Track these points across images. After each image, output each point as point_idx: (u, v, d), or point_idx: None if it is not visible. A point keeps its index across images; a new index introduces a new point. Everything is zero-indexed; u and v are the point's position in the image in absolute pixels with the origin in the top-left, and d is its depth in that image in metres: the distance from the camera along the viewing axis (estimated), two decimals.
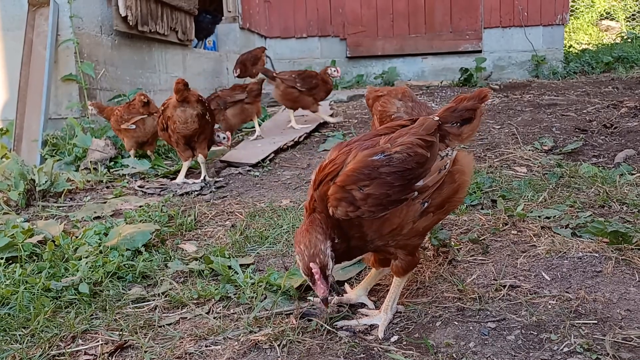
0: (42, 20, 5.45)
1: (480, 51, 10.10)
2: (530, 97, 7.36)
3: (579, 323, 2.06)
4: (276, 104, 8.01)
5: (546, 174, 3.96)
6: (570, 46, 13.13)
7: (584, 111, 6.04)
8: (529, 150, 4.61)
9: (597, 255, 2.59)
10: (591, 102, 6.54)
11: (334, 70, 6.16)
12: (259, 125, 6.01)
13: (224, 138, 4.83)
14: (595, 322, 2.06)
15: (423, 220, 2.10)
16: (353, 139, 2.19)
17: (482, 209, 3.40)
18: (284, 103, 6.30)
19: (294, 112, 6.25)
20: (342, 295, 2.39)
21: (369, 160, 1.99)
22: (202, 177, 4.56)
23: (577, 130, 5.22)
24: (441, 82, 9.13)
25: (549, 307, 2.20)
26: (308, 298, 2.41)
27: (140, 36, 6.57)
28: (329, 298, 1.92)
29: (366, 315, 2.26)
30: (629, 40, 12.82)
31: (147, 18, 6.49)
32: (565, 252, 2.65)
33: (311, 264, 1.93)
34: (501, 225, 3.07)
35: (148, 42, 6.84)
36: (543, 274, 2.48)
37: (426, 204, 2.07)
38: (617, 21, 16.25)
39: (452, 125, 2.20)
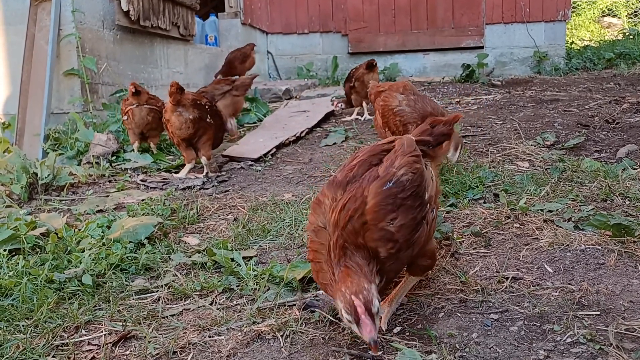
0: (44, 15, 5.45)
1: (482, 47, 10.10)
2: (532, 93, 7.35)
3: (582, 314, 2.06)
4: (278, 100, 8.02)
5: (548, 168, 3.95)
6: (572, 42, 13.11)
7: (586, 107, 6.04)
8: (531, 145, 4.61)
9: (599, 247, 2.59)
10: (593, 98, 6.54)
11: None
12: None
13: (233, 125, 5.02)
14: (598, 313, 2.06)
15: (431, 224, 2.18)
16: (338, 174, 2.12)
17: (484, 202, 3.40)
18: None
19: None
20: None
21: (386, 191, 1.96)
22: (204, 173, 4.56)
23: (579, 125, 5.22)
24: (443, 78, 9.13)
25: (552, 298, 2.20)
26: (310, 290, 2.42)
27: (142, 31, 6.57)
28: (377, 339, 1.74)
29: None
30: (631, 36, 12.80)
31: (149, 13, 6.49)
32: (567, 245, 2.65)
33: (353, 298, 1.76)
34: (504, 218, 3.07)
35: (150, 37, 6.84)
36: (546, 266, 2.48)
37: (434, 211, 2.16)
38: (619, 18, 16.22)
39: (426, 147, 2.32)
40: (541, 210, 3.14)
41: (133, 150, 5.07)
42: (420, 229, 2.03)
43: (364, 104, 6.52)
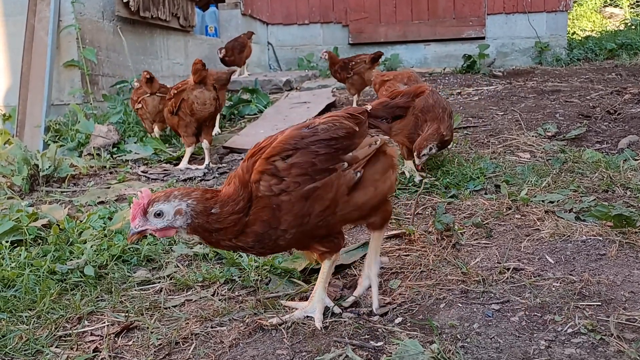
0: (43, 6, 5.43)
1: (483, 37, 10.05)
2: (533, 83, 7.33)
3: (583, 305, 2.06)
4: (279, 91, 8.00)
5: (550, 159, 3.95)
6: (574, 33, 13.07)
7: (588, 97, 6.02)
8: (533, 136, 4.60)
9: (601, 238, 2.59)
10: (595, 89, 6.52)
11: None
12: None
13: None
14: (599, 303, 2.07)
15: (362, 193, 1.99)
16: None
17: (485, 194, 3.40)
18: None
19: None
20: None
21: (295, 132, 1.95)
22: (205, 164, 4.56)
23: (580, 116, 5.21)
24: (444, 69, 9.09)
25: (553, 289, 2.20)
26: (312, 281, 2.42)
27: (142, 22, 6.55)
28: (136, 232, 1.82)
29: (295, 308, 2.16)
30: (633, 27, 12.74)
31: (148, 4, 6.46)
32: (569, 236, 2.65)
33: (154, 198, 1.81)
34: (505, 209, 3.07)
35: (150, 28, 6.81)
36: (547, 257, 2.49)
37: (359, 174, 1.97)
38: (620, 8, 16.15)
39: (382, 121, 2.15)
40: (542, 201, 3.14)
41: (138, 140, 5.12)
42: (323, 179, 1.88)
43: (355, 96, 6.50)
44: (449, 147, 3.96)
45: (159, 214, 1.80)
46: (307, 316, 2.11)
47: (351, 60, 6.47)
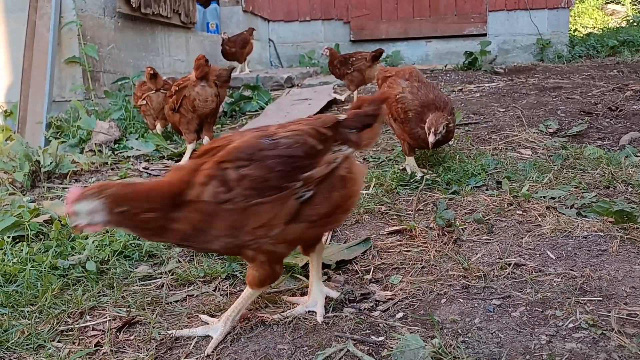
0: (45, 2, 5.42)
1: (485, 34, 10.04)
2: (535, 80, 7.32)
3: (584, 300, 2.07)
4: (280, 88, 8.00)
5: (551, 156, 3.95)
6: (576, 30, 13.04)
7: (589, 94, 6.01)
8: (534, 132, 4.60)
9: (602, 234, 2.59)
10: (596, 86, 6.51)
11: None
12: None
13: None
14: (600, 299, 2.07)
15: (298, 227, 1.88)
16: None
17: (486, 190, 3.40)
18: None
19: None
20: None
21: (254, 141, 1.83)
22: None
23: (582, 113, 5.20)
24: (445, 66, 9.08)
25: (554, 284, 2.20)
26: None
27: (144, 18, 6.54)
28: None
29: (206, 323, 2.09)
30: (635, 24, 12.72)
31: (150, 0, 6.45)
32: (570, 232, 2.65)
33: (76, 197, 1.68)
34: (506, 205, 3.07)
35: (151, 25, 6.81)
36: (548, 252, 2.49)
37: (305, 196, 1.85)
38: (622, 5, 16.11)
39: (352, 131, 2.02)
40: (544, 197, 3.14)
41: (139, 137, 5.11)
42: (271, 196, 1.79)
43: (355, 92, 6.51)
44: (450, 142, 3.96)
45: (77, 213, 1.71)
46: (309, 311, 2.12)
47: (351, 57, 6.46)
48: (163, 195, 1.77)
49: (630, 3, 15.92)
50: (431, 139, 3.43)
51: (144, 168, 4.45)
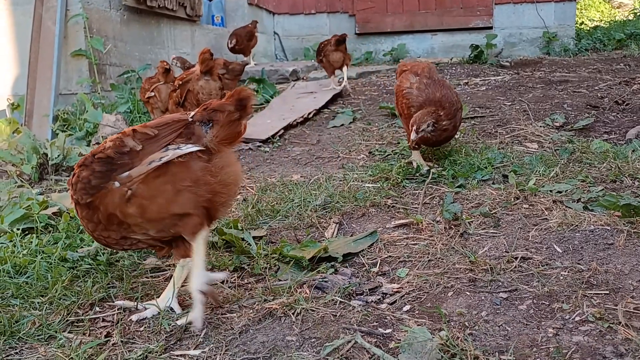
0: None
1: (491, 27, 9.98)
2: (541, 74, 7.29)
3: (591, 293, 2.07)
4: (285, 81, 7.99)
5: (557, 149, 3.94)
6: (582, 23, 12.97)
7: (596, 88, 5.99)
8: (540, 126, 4.59)
9: (609, 228, 2.59)
10: (603, 79, 6.48)
11: None
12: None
13: None
14: (607, 292, 2.08)
15: (136, 209, 2.04)
16: None
17: (493, 183, 3.41)
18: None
19: None
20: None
21: (95, 148, 2.13)
22: None
23: (588, 106, 5.19)
24: (451, 59, 9.05)
25: (561, 278, 2.21)
26: (320, 269, 2.44)
27: (149, 11, 6.54)
28: None
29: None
30: None
31: None
32: (577, 225, 2.66)
33: None
34: (513, 199, 3.07)
35: (157, 18, 6.81)
36: (555, 246, 2.49)
37: (130, 192, 2.01)
38: None
39: (200, 125, 2.07)
40: (550, 191, 3.14)
41: None
42: (96, 194, 2.03)
43: (332, 76, 6.70)
44: (456, 136, 3.96)
45: None
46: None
47: (323, 44, 6.62)
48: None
49: None
50: (412, 136, 3.45)
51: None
